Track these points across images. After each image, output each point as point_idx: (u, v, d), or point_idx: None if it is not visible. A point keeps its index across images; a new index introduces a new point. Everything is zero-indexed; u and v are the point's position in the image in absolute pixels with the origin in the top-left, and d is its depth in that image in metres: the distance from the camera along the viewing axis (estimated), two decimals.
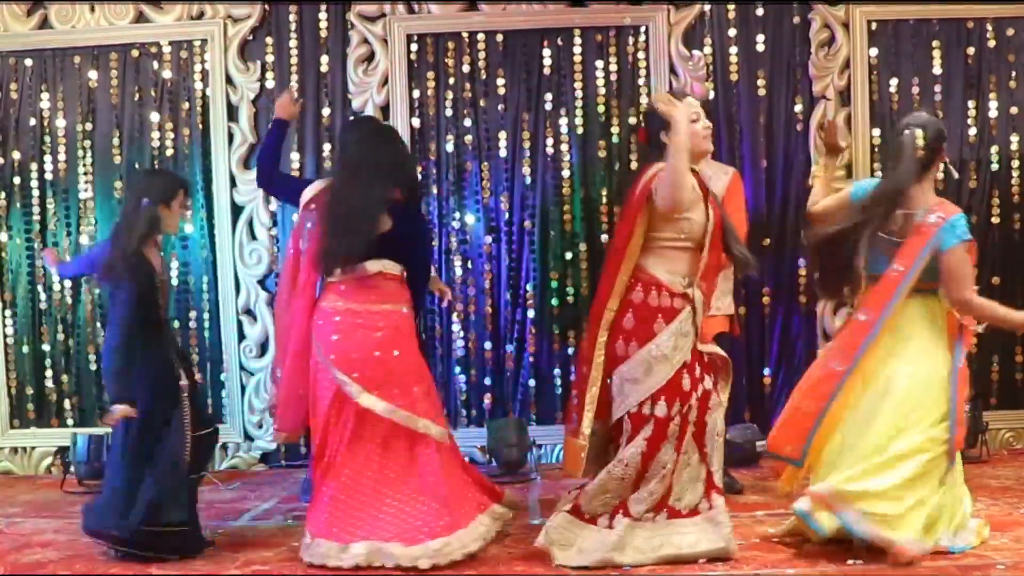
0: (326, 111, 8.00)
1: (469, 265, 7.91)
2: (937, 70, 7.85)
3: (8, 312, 8.14)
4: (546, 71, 7.94)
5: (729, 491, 6.22)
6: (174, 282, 7.71)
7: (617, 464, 5.08)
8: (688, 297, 5.04)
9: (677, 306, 5.03)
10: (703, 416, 5.07)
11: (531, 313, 7.91)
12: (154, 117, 8.01)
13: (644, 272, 5.08)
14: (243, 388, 8.01)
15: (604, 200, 7.84)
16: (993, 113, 7.82)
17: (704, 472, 5.12)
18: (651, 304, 5.04)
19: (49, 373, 8.07)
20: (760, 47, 7.90)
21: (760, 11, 7.89)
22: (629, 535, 5.04)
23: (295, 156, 7.96)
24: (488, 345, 7.95)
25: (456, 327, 7.83)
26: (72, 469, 7.48)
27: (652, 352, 5.01)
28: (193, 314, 8.00)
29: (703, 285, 5.12)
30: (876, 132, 7.76)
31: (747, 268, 5.26)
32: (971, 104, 7.84)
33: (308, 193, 5.52)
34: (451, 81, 7.97)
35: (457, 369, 7.92)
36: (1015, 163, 7.82)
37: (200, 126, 8.03)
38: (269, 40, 8.02)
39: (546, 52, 7.93)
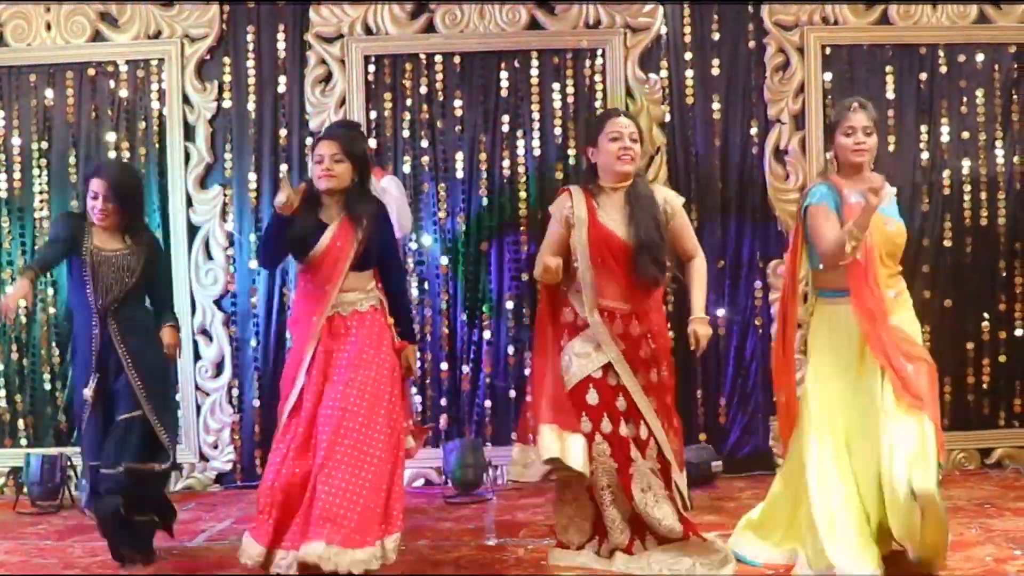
0: (283, 132, 8.00)
1: (425, 286, 7.92)
2: (890, 95, 7.93)
3: None
4: (503, 93, 7.98)
5: None
6: None
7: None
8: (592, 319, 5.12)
9: (580, 324, 5.16)
10: (656, 458, 5.13)
11: (487, 334, 7.93)
12: (110, 136, 7.98)
13: (568, 294, 5.25)
14: (198, 408, 7.97)
15: None
16: (945, 138, 7.91)
17: (672, 495, 5.16)
18: (563, 320, 5.24)
19: (3, 393, 8.01)
20: (716, 71, 7.97)
21: (716, 36, 7.96)
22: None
23: (252, 176, 7.96)
24: (444, 366, 7.97)
25: None
26: (25, 490, 7.41)
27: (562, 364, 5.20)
28: None
29: (614, 303, 5.14)
30: (830, 155, 7.79)
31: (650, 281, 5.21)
32: (923, 129, 7.92)
33: None
34: (408, 102, 7.99)
35: (413, 390, 7.90)
36: (967, 187, 7.90)
37: (157, 145, 8.00)
38: (226, 60, 8.01)
39: (503, 74, 7.96)
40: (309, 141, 7.87)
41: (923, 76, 7.94)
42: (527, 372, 7.67)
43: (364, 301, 5.39)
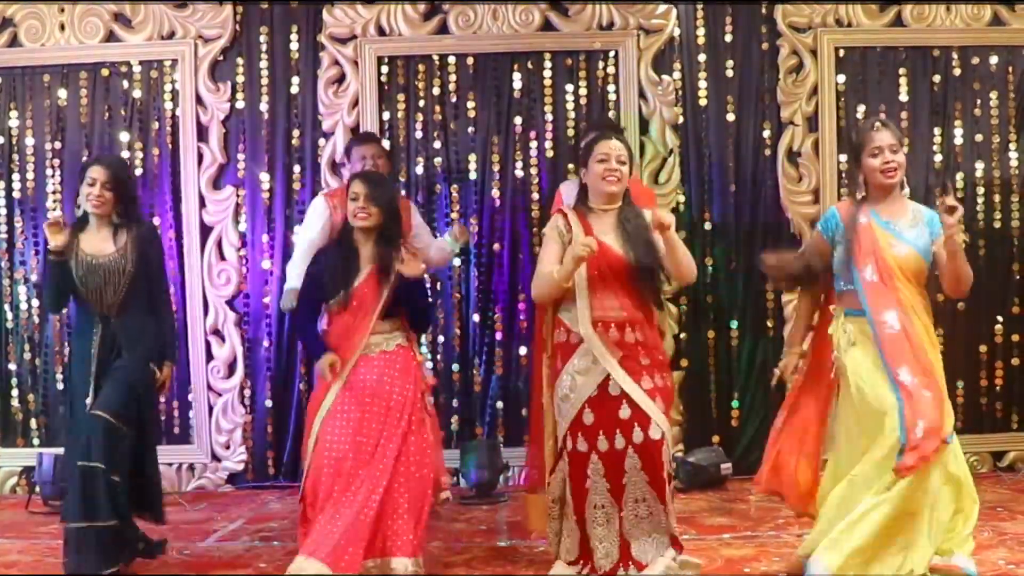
0: (296, 132, 8.01)
1: (438, 287, 7.92)
2: (904, 97, 7.93)
3: None
4: (516, 94, 7.98)
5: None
6: None
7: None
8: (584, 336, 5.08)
9: (574, 342, 5.11)
10: (650, 462, 5.03)
11: (499, 335, 7.92)
12: (123, 136, 7.99)
13: (558, 313, 5.23)
14: (211, 408, 7.98)
15: None
16: (959, 140, 7.89)
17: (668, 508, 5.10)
18: (557, 342, 5.22)
19: (15, 392, 8.03)
20: (729, 73, 7.97)
21: (729, 37, 7.96)
22: None
23: (265, 177, 7.97)
24: (456, 367, 7.97)
25: (424, 349, 7.82)
26: (37, 489, 7.42)
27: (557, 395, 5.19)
28: None
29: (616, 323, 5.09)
30: (843, 158, 7.80)
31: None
32: (937, 131, 7.91)
33: None
34: (421, 103, 8.00)
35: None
36: (980, 190, 7.89)
37: (170, 146, 8.02)
38: (240, 61, 8.02)
39: (516, 76, 7.97)
40: (322, 142, 7.91)
41: (937, 78, 7.93)
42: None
43: (390, 341, 5.52)
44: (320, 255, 5.71)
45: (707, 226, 7.93)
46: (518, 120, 7.98)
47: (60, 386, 7.96)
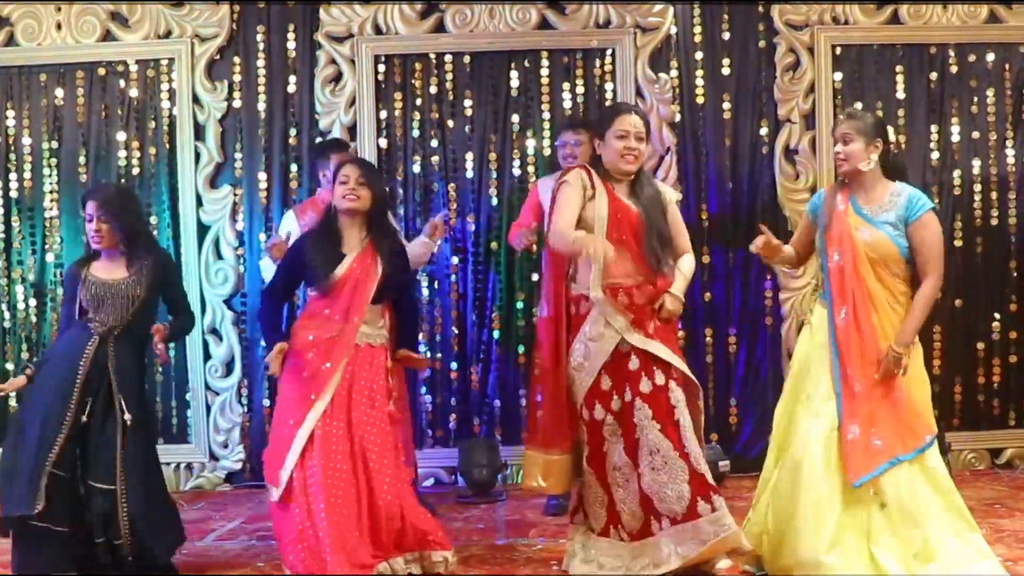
0: (293, 131, 8.01)
1: (435, 285, 7.91)
2: (901, 95, 7.93)
3: None
4: (513, 93, 7.99)
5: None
6: None
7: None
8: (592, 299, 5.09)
9: (583, 311, 5.13)
10: (659, 409, 5.01)
11: (496, 334, 7.92)
12: (120, 136, 7.99)
13: (569, 287, 5.23)
14: (208, 408, 7.97)
15: None
16: (956, 138, 7.90)
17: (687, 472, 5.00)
18: (572, 314, 5.20)
19: (13, 393, 7.98)
20: (726, 71, 7.97)
21: (726, 35, 7.96)
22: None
23: (262, 176, 7.97)
24: (454, 365, 7.97)
25: (422, 348, 7.81)
26: None
27: (571, 363, 5.17)
28: None
29: (626, 283, 5.11)
30: None
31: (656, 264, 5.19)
32: (934, 129, 7.92)
33: None
34: (418, 102, 8.00)
35: (423, 389, 7.93)
36: (977, 187, 7.89)
37: (167, 145, 8.01)
38: (236, 60, 8.02)
39: (513, 74, 7.97)
40: (319, 141, 7.89)
41: (933, 76, 7.93)
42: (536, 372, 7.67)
43: (377, 336, 5.45)
44: (302, 239, 5.64)
45: (704, 224, 7.93)
46: (515, 118, 7.98)
47: None
